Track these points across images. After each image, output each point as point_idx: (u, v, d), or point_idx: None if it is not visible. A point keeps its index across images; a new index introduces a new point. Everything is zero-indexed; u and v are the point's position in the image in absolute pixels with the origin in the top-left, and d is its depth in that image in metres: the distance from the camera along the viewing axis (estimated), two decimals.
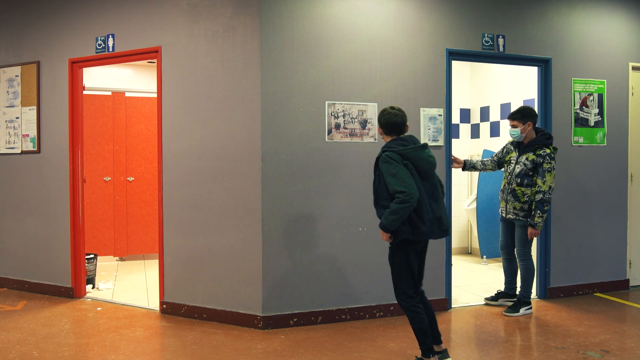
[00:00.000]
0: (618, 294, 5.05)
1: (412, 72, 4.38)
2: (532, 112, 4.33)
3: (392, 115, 3.17)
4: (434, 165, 3.15)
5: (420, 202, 3.01)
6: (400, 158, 3.01)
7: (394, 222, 2.99)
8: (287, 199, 4.05)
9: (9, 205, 5.22)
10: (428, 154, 3.12)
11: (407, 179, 2.96)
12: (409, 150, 3.05)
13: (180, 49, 4.29)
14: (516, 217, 4.43)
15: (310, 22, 4.09)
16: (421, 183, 3.05)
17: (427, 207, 3.05)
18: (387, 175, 3.00)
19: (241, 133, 4.05)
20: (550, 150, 4.27)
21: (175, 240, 4.35)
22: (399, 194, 2.94)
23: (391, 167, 2.99)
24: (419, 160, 3.06)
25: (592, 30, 5.03)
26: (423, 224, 3.03)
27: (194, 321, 4.20)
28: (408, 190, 2.93)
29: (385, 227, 3.03)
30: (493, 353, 3.60)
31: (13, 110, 5.16)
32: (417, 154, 3.06)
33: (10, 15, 5.15)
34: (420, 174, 3.07)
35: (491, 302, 4.71)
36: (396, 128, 3.18)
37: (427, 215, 3.04)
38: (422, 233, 3.04)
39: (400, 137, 3.15)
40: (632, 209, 5.25)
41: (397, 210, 2.95)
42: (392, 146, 3.08)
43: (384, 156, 3.04)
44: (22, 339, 3.79)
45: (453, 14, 4.52)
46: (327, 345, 3.68)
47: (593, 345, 3.71)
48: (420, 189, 3.02)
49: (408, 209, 2.96)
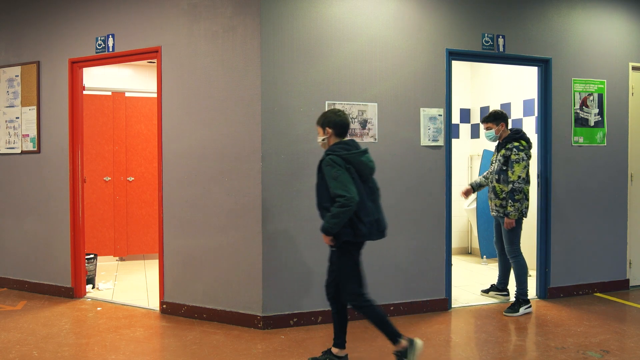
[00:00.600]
0: (618, 294, 5.05)
1: (412, 72, 4.38)
2: (504, 114, 4.59)
3: (345, 117, 3.27)
4: (373, 169, 3.25)
5: (361, 205, 3.09)
6: (343, 162, 3.09)
7: (335, 226, 3.05)
8: (287, 199, 4.05)
9: (9, 205, 5.22)
10: (369, 159, 3.22)
11: (349, 183, 3.04)
12: (352, 155, 3.13)
13: (180, 49, 4.29)
14: (498, 214, 4.61)
15: (310, 22, 4.09)
16: (362, 187, 3.14)
17: (367, 210, 3.13)
18: (330, 179, 3.06)
19: (241, 133, 4.05)
20: (519, 144, 4.45)
21: (175, 240, 4.35)
22: (339, 197, 3.01)
23: (334, 171, 3.05)
24: (361, 165, 3.15)
25: (592, 30, 5.03)
26: (363, 225, 3.10)
27: (194, 321, 4.20)
28: (348, 195, 3.00)
29: (327, 230, 3.09)
30: (493, 353, 3.60)
31: (13, 110, 5.16)
32: (359, 159, 3.15)
33: (10, 15, 5.15)
34: (361, 177, 3.15)
35: (484, 293, 4.98)
36: (346, 129, 3.27)
37: (366, 217, 3.12)
38: (362, 235, 3.12)
39: (344, 141, 3.22)
40: (632, 209, 5.25)
41: (337, 214, 3.02)
42: (336, 150, 3.14)
43: (328, 159, 3.10)
44: (22, 339, 3.79)
45: (453, 14, 4.52)
46: (327, 345, 3.68)
47: (593, 345, 3.71)
48: (362, 192, 3.10)
49: (348, 213, 3.03)
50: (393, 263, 4.34)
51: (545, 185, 4.87)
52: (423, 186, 4.43)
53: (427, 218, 4.45)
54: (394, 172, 4.34)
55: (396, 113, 4.34)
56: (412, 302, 4.41)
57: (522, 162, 4.39)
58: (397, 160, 4.35)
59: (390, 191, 4.33)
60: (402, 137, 4.37)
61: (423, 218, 4.44)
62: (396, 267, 4.36)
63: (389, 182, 4.32)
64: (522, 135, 4.52)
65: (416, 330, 4.00)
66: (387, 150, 4.31)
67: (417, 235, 4.42)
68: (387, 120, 4.31)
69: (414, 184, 4.40)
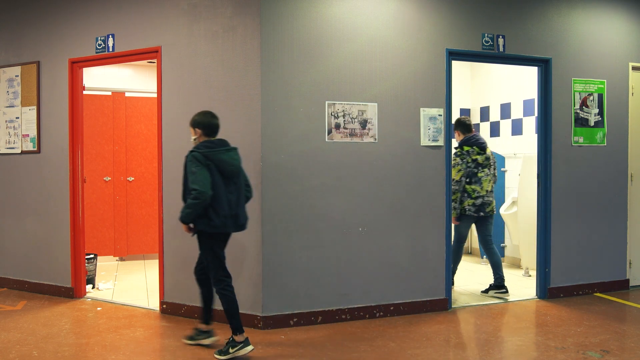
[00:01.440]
0: (618, 294, 5.05)
1: (412, 72, 4.38)
2: (459, 123, 5.05)
3: (211, 119, 3.52)
4: (236, 167, 3.47)
5: (217, 199, 3.34)
6: (204, 159, 3.34)
7: (187, 216, 3.35)
8: (287, 199, 4.05)
9: (9, 205, 5.22)
10: (232, 157, 3.46)
11: (204, 179, 3.29)
12: (213, 152, 3.38)
13: (180, 49, 4.29)
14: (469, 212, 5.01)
15: (310, 22, 4.09)
16: (223, 183, 3.38)
17: (224, 204, 3.38)
18: (189, 173, 3.35)
19: (241, 133, 4.05)
20: (460, 149, 4.95)
21: (175, 240, 4.35)
22: (193, 190, 3.28)
23: (193, 166, 3.32)
24: (221, 162, 3.39)
25: (592, 30, 5.03)
26: (217, 218, 3.36)
27: (194, 321, 4.19)
28: (201, 189, 3.26)
29: (181, 220, 3.40)
30: (493, 353, 3.60)
31: (13, 110, 5.16)
32: (220, 157, 3.39)
33: (10, 15, 5.15)
34: (223, 174, 3.39)
35: (484, 293, 5.06)
36: (213, 129, 3.52)
37: (221, 211, 3.36)
38: (215, 226, 3.38)
39: (209, 140, 3.47)
40: (632, 209, 5.24)
41: (190, 205, 3.32)
42: (199, 147, 3.40)
43: (190, 156, 3.37)
44: (22, 339, 3.79)
45: (453, 14, 4.52)
46: (327, 345, 3.68)
47: (593, 345, 3.71)
48: (219, 187, 3.36)
49: (200, 205, 3.29)
50: (393, 263, 4.34)
51: (545, 185, 4.87)
52: (423, 186, 4.43)
53: (427, 218, 4.45)
54: (394, 172, 4.34)
55: (396, 113, 4.34)
56: (412, 302, 4.41)
57: (457, 166, 4.87)
58: (397, 160, 4.35)
59: (390, 191, 4.33)
60: (402, 137, 4.37)
61: (423, 218, 4.44)
62: (396, 267, 4.36)
63: (389, 182, 4.32)
64: (467, 141, 4.95)
65: (416, 330, 4.00)
66: (387, 150, 4.31)
67: (417, 235, 4.42)
68: (387, 120, 4.31)
69: (414, 184, 4.40)
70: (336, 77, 4.16)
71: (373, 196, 4.28)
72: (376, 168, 4.28)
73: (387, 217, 4.34)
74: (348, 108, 4.19)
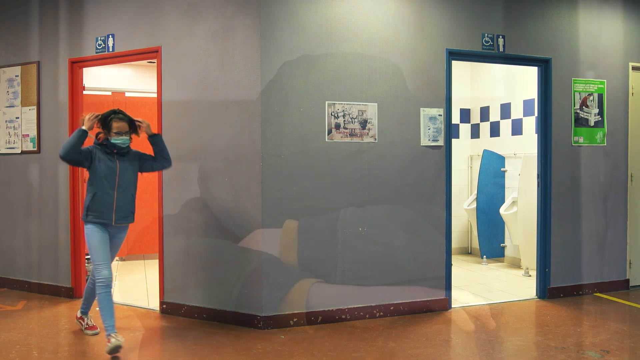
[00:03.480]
0: (618, 294, 5.05)
1: (412, 72, 4.38)
2: None
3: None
4: None
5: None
6: None
7: None
8: (287, 199, 4.05)
9: (9, 205, 5.22)
10: None
11: None
12: None
13: (180, 49, 4.29)
14: None
15: (310, 22, 4.09)
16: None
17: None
18: None
19: (241, 133, 4.05)
20: None
21: (175, 240, 4.35)
22: None
23: None
24: None
25: (592, 30, 5.03)
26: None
27: (194, 321, 4.20)
28: None
29: None
30: (493, 353, 3.60)
31: (13, 110, 5.16)
32: None
33: (10, 15, 5.15)
34: None
35: None
36: None
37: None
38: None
39: None
40: (632, 209, 5.24)
41: None
42: None
43: None
44: (22, 339, 3.79)
45: (453, 14, 4.52)
46: (327, 345, 3.68)
47: (593, 345, 3.71)
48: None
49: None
50: (393, 263, 4.34)
51: (545, 185, 4.87)
52: (423, 186, 4.43)
53: (427, 218, 4.45)
54: (394, 171, 4.34)
55: (396, 113, 4.34)
56: (412, 302, 4.41)
57: None
58: (397, 160, 4.35)
59: (390, 191, 4.33)
60: (402, 137, 4.37)
61: (423, 218, 4.44)
62: (396, 267, 4.36)
63: (389, 182, 4.32)
64: None
65: (416, 330, 4.00)
66: (387, 150, 4.31)
67: (417, 235, 4.42)
68: (387, 120, 4.31)
69: (414, 184, 4.40)
70: (336, 77, 4.16)
71: (373, 196, 4.28)
72: (376, 168, 4.28)
73: (387, 217, 4.33)
74: (348, 108, 4.19)
